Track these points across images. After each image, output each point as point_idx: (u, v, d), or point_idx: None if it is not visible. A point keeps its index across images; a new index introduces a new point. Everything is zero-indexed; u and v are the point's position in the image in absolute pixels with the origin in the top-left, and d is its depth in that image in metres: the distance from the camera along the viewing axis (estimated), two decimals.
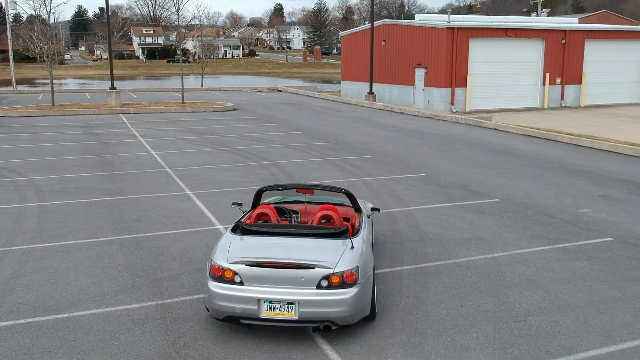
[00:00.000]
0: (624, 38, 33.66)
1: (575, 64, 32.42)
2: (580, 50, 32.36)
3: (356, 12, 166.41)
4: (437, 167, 15.71)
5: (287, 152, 17.75)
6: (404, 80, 33.33)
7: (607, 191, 13.13)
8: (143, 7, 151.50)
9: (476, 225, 10.48)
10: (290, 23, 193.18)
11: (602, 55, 33.04)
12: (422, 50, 31.34)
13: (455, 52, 29.47)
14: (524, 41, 31.21)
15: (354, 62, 38.82)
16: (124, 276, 8.07)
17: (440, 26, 30.02)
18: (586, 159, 17.18)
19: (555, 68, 31.95)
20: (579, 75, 32.63)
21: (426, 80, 31.22)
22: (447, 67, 29.71)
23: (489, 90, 30.81)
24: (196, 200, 12.17)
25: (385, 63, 34.91)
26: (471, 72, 30.16)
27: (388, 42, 34.59)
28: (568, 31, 31.92)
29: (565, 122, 25.52)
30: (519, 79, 31.45)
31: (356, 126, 24.16)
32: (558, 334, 6.49)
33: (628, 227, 10.41)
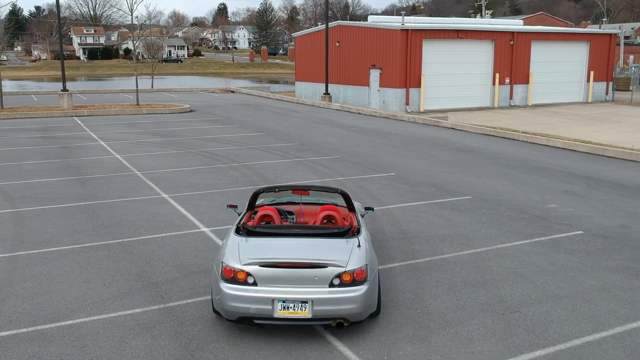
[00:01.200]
0: (567, 39, 35.15)
1: (523, 64, 33.65)
2: (527, 51, 33.61)
3: (301, 13, 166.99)
4: (405, 166, 16.10)
5: (255, 154, 17.79)
6: (358, 81, 33.79)
7: (569, 187, 13.79)
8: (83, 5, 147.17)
9: (454, 222, 10.86)
10: (235, 23, 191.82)
11: (547, 56, 34.41)
12: (377, 51, 31.85)
13: (409, 53, 30.10)
14: (475, 42, 32.18)
15: (308, 63, 39.05)
16: (119, 281, 8.01)
17: (394, 28, 30.60)
18: (544, 156, 17.94)
19: (504, 68, 33.08)
20: (527, 76, 33.88)
21: (381, 81, 31.76)
22: (401, 68, 30.32)
23: (442, 90, 31.62)
24: (174, 203, 12.11)
25: (339, 64, 35.29)
26: (425, 72, 30.87)
27: (342, 43, 34.98)
28: (516, 33, 33.11)
29: (516, 121, 26.48)
30: (470, 79, 32.39)
31: (318, 127, 24.39)
32: (552, 322, 6.88)
33: (595, 221, 11.00)
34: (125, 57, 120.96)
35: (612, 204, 12.28)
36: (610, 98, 36.91)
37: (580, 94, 36.13)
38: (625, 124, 25.83)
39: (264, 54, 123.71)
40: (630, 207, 12.00)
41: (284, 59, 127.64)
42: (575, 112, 30.44)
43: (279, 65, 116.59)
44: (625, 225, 10.75)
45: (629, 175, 15.24)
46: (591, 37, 35.88)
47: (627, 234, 10.23)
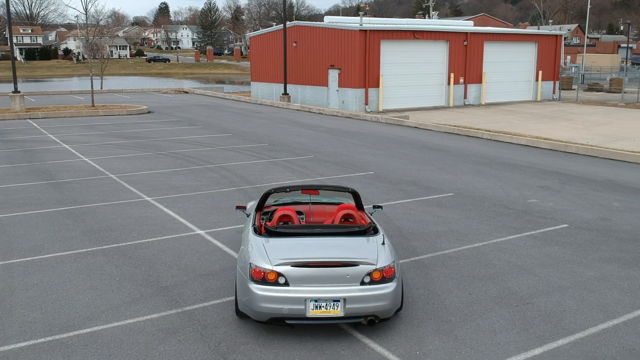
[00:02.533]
0: (517, 40, 36.31)
1: (476, 64, 34.56)
2: (480, 52, 34.54)
3: (245, 13, 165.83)
4: (380, 165, 16.30)
5: (228, 155, 17.62)
6: (317, 81, 33.90)
7: (543, 182, 14.30)
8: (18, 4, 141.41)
9: (445, 219, 11.10)
10: (177, 22, 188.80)
11: (499, 56, 35.46)
12: (335, 51, 32.05)
13: (368, 53, 30.42)
14: (430, 43, 32.82)
15: (264, 64, 38.88)
16: (127, 287, 7.82)
17: (353, 28, 30.86)
18: (511, 153, 18.52)
19: (459, 68, 33.88)
20: (480, 75, 34.81)
21: (340, 81, 31.97)
22: (360, 68, 30.61)
23: (400, 90, 32.12)
24: (160, 206, 11.88)
25: (297, 64, 35.31)
26: (383, 73, 31.28)
27: (299, 44, 35.01)
28: (469, 33, 33.97)
29: (473, 120, 27.18)
30: (426, 79, 33.03)
31: (284, 127, 24.35)
32: (565, 312, 7.15)
33: (576, 214, 11.46)
34: (65, 58, 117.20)
35: (586, 198, 12.81)
36: (557, 97, 38.37)
37: (529, 92, 37.40)
38: (576, 121, 26.90)
39: (210, 54, 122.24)
40: (605, 201, 12.55)
41: (230, 59, 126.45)
42: (527, 111, 31.49)
43: (225, 65, 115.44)
44: (605, 218, 11.24)
45: (594, 170, 15.91)
46: (539, 37, 37.20)
47: (609, 226, 10.70)
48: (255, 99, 36.96)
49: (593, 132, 23.18)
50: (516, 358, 6.07)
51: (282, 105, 33.69)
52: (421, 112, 30.41)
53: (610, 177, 14.99)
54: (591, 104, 34.97)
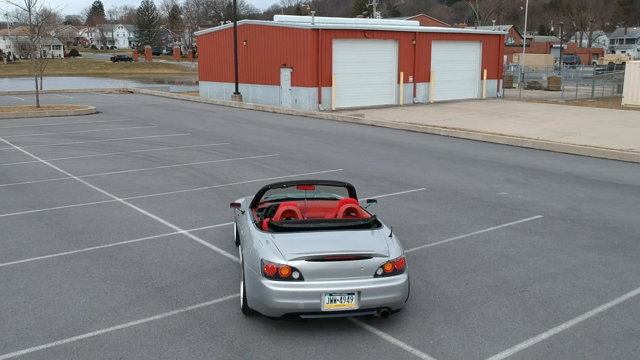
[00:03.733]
0: (463, 40, 37.26)
1: (425, 63, 35.24)
2: (428, 51, 35.24)
3: (184, 12, 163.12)
4: (348, 162, 16.39)
5: (192, 154, 17.31)
6: (269, 80, 33.75)
7: (508, 176, 14.74)
8: None
9: (424, 212, 11.28)
10: (112, 22, 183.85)
11: (446, 55, 36.28)
12: (287, 50, 31.99)
13: (320, 52, 30.53)
14: (381, 42, 33.24)
15: (213, 63, 38.37)
16: (121, 289, 7.57)
17: (305, 27, 30.89)
18: (470, 149, 18.99)
19: (408, 67, 34.46)
20: (428, 74, 35.52)
21: (293, 80, 31.94)
22: (313, 67, 30.68)
23: (352, 88, 32.38)
24: (134, 207, 11.54)
25: (248, 63, 35.04)
26: (335, 71, 31.45)
27: (250, 43, 34.75)
28: (417, 33, 34.60)
29: (425, 117, 27.70)
30: (377, 78, 33.43)
31: (241, 126, 24.12)
32: (560, 298, 7.40)
33: (547, 205, 11.88)
34: None
35: (552, 189, 13.29)
36: (501, 94, 39.61)
37: (475, 91, 38.45)
38: (523, 118, 27.84)
39: (148, 53, 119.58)
40: (569, 192, 13.06)
41: (170, 59, 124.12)
42: (475, 108, 32.36)
43: (165, 65, 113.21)
44: (574, 208, 11.70)
45: (553, 163, 16.53)
46: (483, 37, 38.29)
47: (579, 216, 11.15)
48: (206, 99, 36.43)
49: (541, 128, 24.05)
50: (526, 343, 6.25)
51: (234, 104, 33.36)
52: (373, 111, 30.75)
53: (568, 170, 15.60)
54: (533, 102, 36.28)
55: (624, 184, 14.00)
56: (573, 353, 6.04)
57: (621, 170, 15.69)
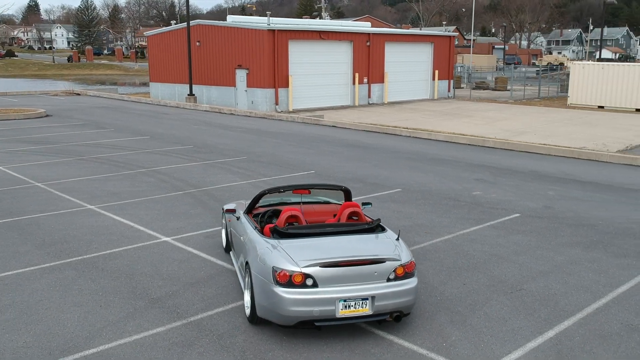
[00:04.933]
0: (415, 41, 37.80)
1: (378, 64, 35.56)
2: (382, 52, 35.58)
3: (124, 12, 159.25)
4: (317, 163, 16.34)
5: (156, 158, 16.87)
6: (223, 82, 33.31)
7: (476, 175, 15.02)
8: None
9: (405, 214, 11.35)
10: (49, 21, 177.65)
11: (399, 57, 36.72)
12: (243, 51, 31.66)
13: (276, 53, 30.35)
14: (335, 43, 33.34)
15: (164, 64, 37.57)
16: (116, 301, 7.28)
17: (261, 28, 30.64)
18: (434, 149, 19.27)
19: (363, 68, 34.69)
20: (382, 75, 35.86)
21: (249, 81, 31.63)
22: (269, 68, 30.47)
23: (308, 90, 32.35)
24: (109, 214, 11.14)
25: (201, 64, 34.48)
26: (292, 72, 31.35)
27: (203, 43, 34.21)
28: (371, 34, 34.88)
29: (382, 118, 27.95)
30: (333, 79, 33.51)
31: (200, 128, 23.70)
32: (556, 295, 7.58)
33: (522, 204, 12.16)
34: None
35: (522, 188, 13.62)
36: (452, 95, 40.41)
37: (427, 91, 39.08)
38: (476, 117, 28.47)
39: (89, 54, 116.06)
40: (540, 190, 13.42)
41: (112, 60, 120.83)
42: (429, 108, 32.88)
43: (106, 66, 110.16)
44: (548, 206, 12.03)
45: (516, 162, 16.96)
46: (434, 38, 38.96)
47: (555, 214, 11.46)
48: (158, 100, 35.64)
49: (496, 127, 24.65)
50: (535, 342, 6.35)
51: (189, 106, 32.76)
52: (330, 111, 30.81)
53: (533, 169, 16.04)
54: (484, 102, 37.17)
55: (587, 182, 14.49)
56: (582, 350, 6.19)
57: (581, 168, 16.24)
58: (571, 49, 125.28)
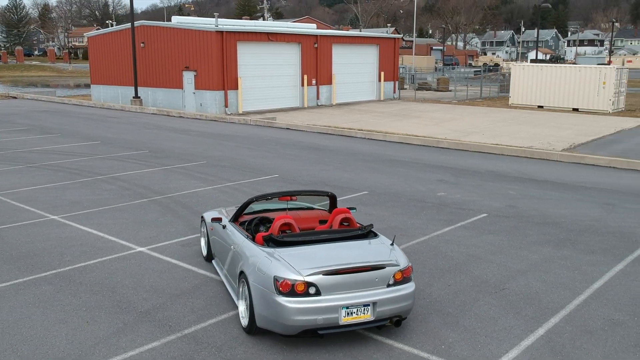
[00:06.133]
0: (361, 43, 38.20)
1: (326, 66, 35.74)
2: (329, 54, 35.78)
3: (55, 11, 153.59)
4: (279, 167, 16.28)
5: (113, 164, 16.38)
6: (170, 84, 32.68)
7: (438, 176, 15.34)
8: None
9: (377, 216, 11.47)
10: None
11: (346, 58, 37.02)
12: (190, 53, 31.15)
13: (225, 55, 30.03)
14: (284, 45, 33.29)
15: (106, 65, 36.50)
16: (102, 317, 7.04)
17: (209, 29, 30.24)
18: (391, 150, 19.53)
19: (311, 70, 34.78)
20: (330, 77, 36.06)
21: (197, 83, 31.16)
22: (218, 70, 30.12)
23: (258, 91, 32.17)
24: (75, 224, 10.75)
25: (146, 66, 33.70)
26: (241, 74, 31.09)
27: (148, 45, 33.44)
28: (319, 36, 35.01)
29: (334, 119, 28.12)
30: (282, 81, 33.44)
31: (152, 132, 23.16)
32: (538, 294, 7.84)
33: (487, 204, 12.51)
34: None
35: (484, 188, 14.01)
36: (397, 96, 41.07)
37: (373, 92, 39.57)
38: (424, 118, 29.06)
39: (19, 55, 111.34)
40: (500, 190, 13.83)
41: (44, 60, 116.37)
42: (377, 110, 33.31)
43: (38, 67, 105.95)
44: (512, 205, 12.42)
45: (473, 162, 17.42)
46: (380, 40, 39.49)
47: (519, 212, 11.85)
48: (101, 103, 34.59)
49: (445, 127, 25.23)
50: (528, 340, 6.56)
51: (135, 109, 31.95)
52: (281, 113, 30.74)
53: (490, 168, 16.52)
54: (429, 102, 37.97)
55: (543, 180, 15.04)
56: (573, 346, 6.43)
57: (534, 167, 16.84)
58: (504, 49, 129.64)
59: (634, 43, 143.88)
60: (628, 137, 22.83)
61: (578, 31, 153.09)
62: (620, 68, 32.89)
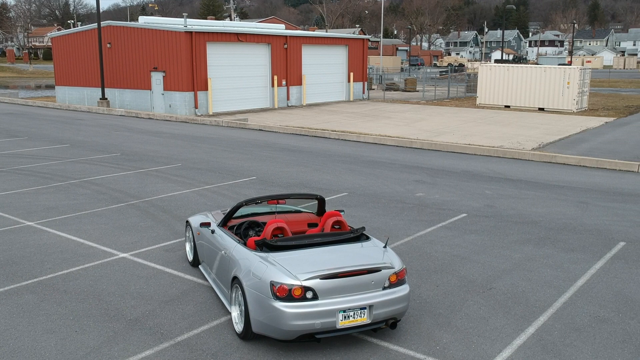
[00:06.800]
0: (330, 44, 38.27)
1: (296, 67, 35.71)
2: (299, 54, 35.76)
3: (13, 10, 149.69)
4: (257, 169, 16.19)
5: (85, 168, 16.06)
6: (138, 85, 32.20)
7: (414, 177, 15.47)
8: None
9: (360, 218, 11.50)
10: None
11: (316, 59, 37.06)
12: (158, 53, 30.76)
13: (194, 55, 29.75)
14: (254, 46, 33.14)
15: (72, 66, 35.76)
16: (91, 325, 6.89)
17: (177, 30, 29.90)
18: (367, 151, 19.62)
19: (281, 71, 34.71)
20: (300, 77, 36.04)
21: (166, 84, 30.79)
22: (188, 70, 29.81)
23: (228, 92, 31.96)
24: (53, 230, 10.50)
25: (113, 67, 33.14)
26: (211, 75, 30.84)
27: (114, 45, 32.89)
28: (289, 37, 34.95)
29: (305, 120, 28.13)
30: (252, 82, 33.29)
31: (123, 134, 22.78)
32: (525, 292, 7.98)
33: (465, 204, 12.67)
34: None
35: (461, 188, 14.19)
36: (367, 96, 41.29)
37: (343, 93, 39.70)
38: (395, 119, 29.28)
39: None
40: (477, 190, 14.03)
41: (2, 61, 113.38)
42: (347, 110, 33.43)
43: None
44: (490, 205, 12.61)
45: (447, 163, 17.62)
46: (349, 41, 39.64)
47: (498, 212, 12.04)
48: (67, 105, 33.87)
49: (415, 128, 25.47)
50: (520, 339, 6.67)
51: (103, 110, 31.38)
52: (251, 114, 30.60)
53: (465, 168, 16.73)
54: (398, 103, 38.26)
55: (517, 180, 15.31)
56: (564, 343, 6.56)
57: (507, 167, 17.13)
58: (468, 50, 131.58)
59: (592, 44, 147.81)
60: (593, 136, 23.41)
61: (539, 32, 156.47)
62: (583, 69, 33.70)
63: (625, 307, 7.54)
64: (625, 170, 16.74)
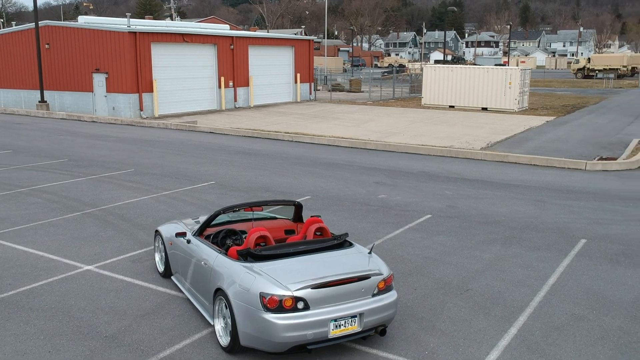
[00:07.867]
0: (277, 44, 38.06)
1: (243, 68, 35.33)
2: (246, 55, 35.39)
3: None
4: (214, 173, 15.87)
5: (32, 175, 15.32)
6: (78, 87, 31.09)
7: (374, 178, 15.53)
8: None
9: (327, 221, 11.42)
10: None
11: (262, 60, 36.77)
12: (100, 54, 29.78)
13: (139, 56, 28.96)
14: (200, 46, 32.57)
15: (6, 68, 34.15)
16: (65, 344, 6.53)
17: (120, 30, 29.02)
18: (323, 153, 19.57)
19: (228, 72, 34.26)
20: (247, 79, 35.67)
21: (109, 86, 29.84)
22: (132, 72, 28.99)
23: (174, 94, 31.29)
24: (7, 243, 9.93)
25: (52, 68, 31.86)
26: (156, 77, 30.10)
27: (53, 46, 31.63)
28: (235, 37, 34.53)
29: (255, 122, 27.84)
30: (199, 83, 32.71)
31: (67, 139, 21.90)
32: (502, 293, 8.10)
33: (428, 205, 12.80)
34: None
35: (421, 189, 14.33)
36: (313, 97, 41.30)
37: (290, 94, 39.56)
38: (344, 120, 29.38)
39: None
40: (437, 190, 14.21)
41: None
42: (296, 111, 33.33)
43: None
44: (452, 205, 12.78)
45: (404, 164, 17.78)
46: (295, 42, 39.53)
47: (460, 212, 12.22)
48: (3, 108, 32.33)
49: (365, 129, 25.62)
50: (504, 340, 6.75)
51: (42, 114, 30.11)
52: (199, 116, 30.05)
53: (421, 169, 16.93)
54: (345, 103, 38.43)
55: (473, 179, 15.61)
56: (546, 342, 6.69)
57: (461, 167, 17.44)
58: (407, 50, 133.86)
59: (525, 45, 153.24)
60: (537, 135, 24.17)
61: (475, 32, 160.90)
62: (524, 69, 34.80)
63: (598, 304, 7.76)
64: (573, 168, 17.35)
